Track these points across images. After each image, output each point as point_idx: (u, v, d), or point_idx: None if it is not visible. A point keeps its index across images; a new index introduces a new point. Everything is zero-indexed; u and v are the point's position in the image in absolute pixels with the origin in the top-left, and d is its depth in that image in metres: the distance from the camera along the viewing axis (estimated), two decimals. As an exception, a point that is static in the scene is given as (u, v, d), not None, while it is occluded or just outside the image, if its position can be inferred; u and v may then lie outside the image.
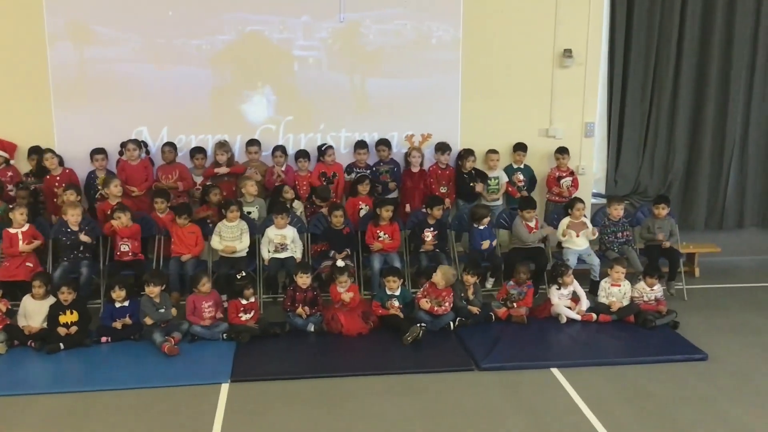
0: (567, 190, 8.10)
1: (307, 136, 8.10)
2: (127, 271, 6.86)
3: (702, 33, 8.45)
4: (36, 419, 4.97)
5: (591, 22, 8.14)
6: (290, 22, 7.85)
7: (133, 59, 7.72)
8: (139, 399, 5.26)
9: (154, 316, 6.23)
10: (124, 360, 5.90)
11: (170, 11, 7.68)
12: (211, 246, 7.14)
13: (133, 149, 7.50)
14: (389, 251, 7.31)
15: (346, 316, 6.43)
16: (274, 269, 7.13)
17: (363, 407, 5.16)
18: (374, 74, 8.08)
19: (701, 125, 8.65)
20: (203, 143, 7.90)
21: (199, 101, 7.89)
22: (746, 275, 8.49)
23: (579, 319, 6.71)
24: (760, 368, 5.85)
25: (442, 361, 5.91)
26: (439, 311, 6.52)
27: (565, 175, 8.14)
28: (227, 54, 7.84)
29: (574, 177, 8.15)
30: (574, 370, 5.74)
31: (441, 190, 7.92)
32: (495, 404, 5.21)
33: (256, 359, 5.91)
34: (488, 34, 8.08)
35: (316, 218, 7.56)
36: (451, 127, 8.21)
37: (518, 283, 6.90)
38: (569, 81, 8.24)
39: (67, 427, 4.88)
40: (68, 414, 5.04)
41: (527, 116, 8.28)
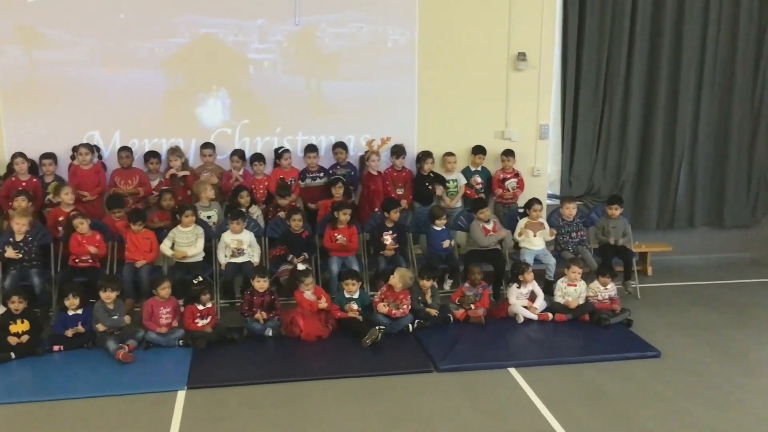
0: (512, 192, 8.18)
1: (263, 139, 8.04)
2: (81, 277, 6.71)
3: (652, 37, 8.63)
4: (-15, 431, 4.85)
5: (544, 26, 8.25)
6: (245, 25, 7.80)
7: (85, 62, 7.58)
8: (93, 408, 5.15)
9: (106, 323, 6.11)
10: (78, 369, 5.78)
11: (122, 14, 7.56)
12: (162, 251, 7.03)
13: (85, 153, 7.36)
14: (347, 254, 7.30)
15: (305, 320, 6.39)
16: (231, 274, 7.06)
17: (322, 411, 5.14)
18: (330, 77, 8.06)
19: (652, 127, 8.83)
20: (157, 147, 7.79)
21: (153, 105, 7.78)
22: (697, 273, 8.68)
23: (536, 318, 6.79)
24: (711, 364, 5.99)
25: (401, 364, 5.91)
26: (397, 314, 6.53)
27: (510, 176, 8.22)
28: (181, 57, 7.74)
29: (519, 178, 8.22)
30: (531, 369, 5.80)
31: (397, 192, 7.93)
32: (453, 405, 5.24)
33: (213, 365, 5.84)
34: (444, 38, 8.13)
35: (274, 222, 7.51)
36: (407, 129, 8.23)
37: (473, 284, 6.96)
38: (524, 84, 8.33)
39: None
40: (20, 425, 4.92)
41: (483, 119, 8.35)
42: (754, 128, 9.09)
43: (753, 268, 8.84)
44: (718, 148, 9.09)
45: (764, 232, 9.43)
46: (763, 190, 9.29)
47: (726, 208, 9.23)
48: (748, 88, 8.96)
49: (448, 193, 8.16)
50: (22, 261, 6.72)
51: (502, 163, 8.22)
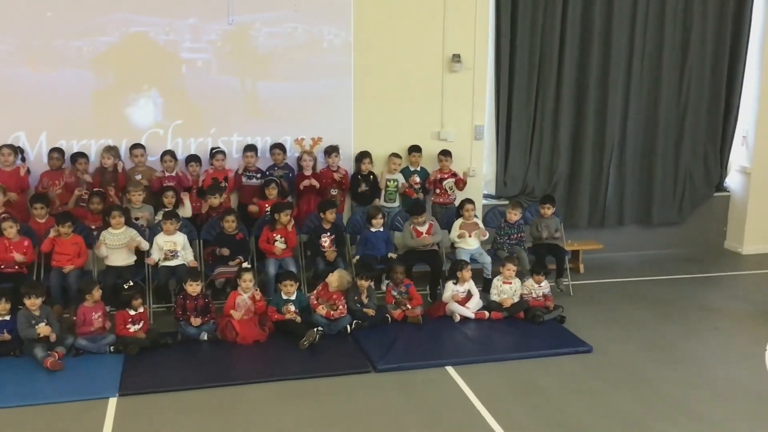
0: (451, 192, 8.26)
1: (197, 140, 7.90)
2: (7, 283, 6.45)
3: (582, 40, 8.82)
4: None
5: (478, 28, 8.35)
6: (177, 24, 7.64)
7: (9, 61, 7.30)
8: (21, 417, 4.99)
9: (25, 333, 5.88)
10: (4, 377, 5.58)
11: (48, 12, 7.32)
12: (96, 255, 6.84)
13: (7, 154, 7.11)
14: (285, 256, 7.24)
15: (241, 324, 6.31)
16: (164, 277, 6.92)
17: (259, 415, 5.09)
18: (266, 77, 7.97)
19: (583, 128, 9.03)
20: (86, 148, 7.55)
21: (81, 105, 7.54)
22: (627, 270, 8.92)
23: (472, 317, 6.86)
24: (641, 358, 6.17)
25: (339, 365, 5.90)
26: (334, 315, 6.51)
27: (447, 176, 8.29)
28: (110, 56, 7.53)
29: (456, 178, 8.31)
30: (468, 367, 5.86)
31: (332, 193, 7.92)
32: (391, 405, 5.25)
33: (145, 371, 5.72)
34: (379, 39, 8.14)
35: (209, 224, 7.39)
36: (344, 130, 8.22)
37: (396, 284, 6.99)
38: (459, 85, 8.42)
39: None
40: (-61, 439, 4.72)
41: (420, 119, 8.40)
42: (680, 129, 9.39)
43: (680, 264, 9.12)
44: (646, 149, 9.36)
45: (690, 229, 9.77)
46: (688, 189, 9.60)
47: (654, 206, 9.50)
48: (675, 90, 9.25)
49: (388, 193, 8.19)
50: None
51: (440, 164, 8.29)
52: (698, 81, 9.31)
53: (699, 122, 9.45)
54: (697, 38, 9.16)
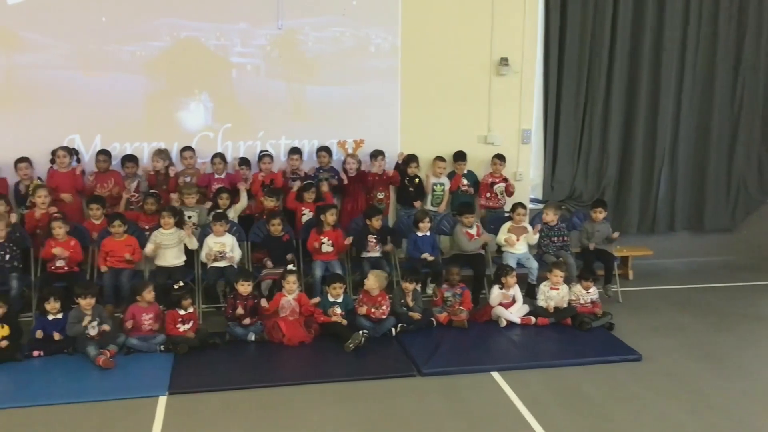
0: (501, 197, 8.21)
1: (246, 143, 8.02)
2: (60, 282, 6.64)
3: (632, 42, 8.71)
4: (-38, 439, 4.79)
5: (526, 31, 8.31)
6: (227, 28, 7.77)
7: (63, 66, 7.51)
8: (73, 414, 5.10)
9: (73, 330, 6.04)
10: (58, 374, 5.72)
11: (103, 17, 7.51)
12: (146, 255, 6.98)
13: (63, 156, 7.31)
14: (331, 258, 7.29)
15: (287, 325, 6.37)
16: (212, 278, 7.03)
17: (305, 416, 5.12)
18: (313, 81, 8.05)
19: (633, 132, 8.91)
20: (138, 151, 7.74)
21: (134, 108, 7.72)
22: (677, 277, 8.75)
23: (518, 322, 6.80)
24: (691, 367, 6.04)
25: (384, 368, 5.90)
26: (377, 314, 6.52)
27: (498, 181, 8.25)
28: (162, 60, 7.70)
29: (507, 183, 8.26)
30: (513, 372, 5.82)
31: (378, 196, 7.94)
32: (436, 409, 5.23)
33: (194, 371, 5.80)
34: (427, 42, 8.15)
35: (256, 226, 7.49)
36: (390, 134, 8.24)
37: (451, 285, 6.97)
38: (506, 89, 8.37)
39: (-4, 445, 4.72)
40: None
41: (466, 123, 8.38)
42: (734, 133, 9.19)
43: (732, 271, 8.92)
44: (698, 153, 9.19)
45: (743, 236, 9.54)
46: (742, 195, 9.39)
47: (706, 212, 9.32)
48: (728, 93, 9.06)
49: (435, 197, 8.19)
50: (2, 265, 6.64)
51: (493, 167, 8.25)
52: (752, 85, 9.10)
53: (753, 127, 9.24)
54: (752, 40, 8.97)
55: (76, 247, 6.85)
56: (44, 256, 6.75)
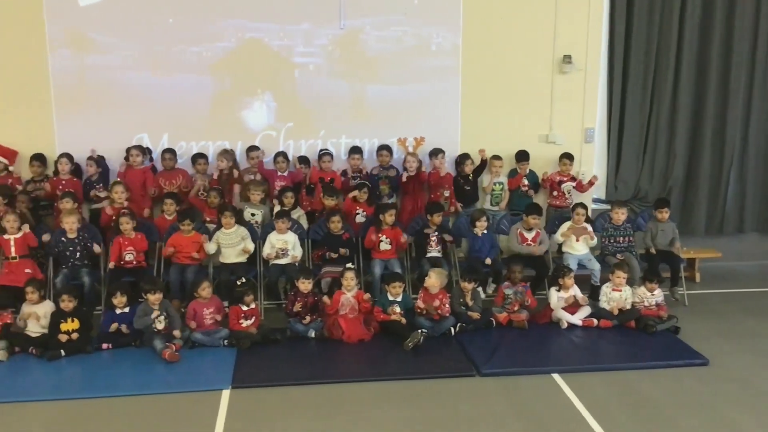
0: (568, 195, 8.11)
1: (307, 142, 8.11)
2: (128, 277, 6.84)
3: (701, 38, 8.49)
4: (37, 426, 4.97)
5: (590, 28, 8.17)
6: (290, 29, 7.87)
7: (132, 66, 7.73)
8: (140, 405, 5.25)
9: (140, 323, 6.21)
10: (125, 366, 5.90)
11: (170, 19, 7.70)
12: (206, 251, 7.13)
13: (136, 155, 7.53)
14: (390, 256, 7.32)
15: (347, 322, 6.42)
16: (274, 275, 7.13)
17: (364, 413, 5.15)
18: (374, 81, 8.09)
19: (701, 130, 8.68)
20: (203, 150, 7.91)
21: (200, 108, 7.91)
22: (746, 280, 8.50)
23: (580, 324, 6.71)
24: (759, 373, 5.85)
25: (442, 367, 5.90)
26: (442, 310, 6.52)
27: (567, 180, 8.15)
28: (227, 61, 7.85)
29: (576, 181, 8.16)
30: (575, 375, 5.73)
31: (445, 194, 7.94)
32: (496, 410, 5.20)
33: (256, 365, 5.91)
34: (488, 40, 8.10)
35: (317, 224, 7.57)
36: (451, 132, 8.22)
37: (513, 283, 6.92)
38: (569, 87, 8.26)
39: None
40: (69, 421, 5.04)
41: (527, 122, 8.30)
42: (807, 131, 8.87)
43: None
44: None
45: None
46: (815, 195, 9.05)
47: (776, 213, 9.03)
48: (801, 90, 8.75)
49: (494, 197, 8.14)
50: (74, 260, 6.88)
51: (562, 166, 8.16)
52: (826, 82, 8.76)
53: (828, 126, 8.89)
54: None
55: (143, 243, 7.04)
56: (113, 253, 6.95)
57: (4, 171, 7.51)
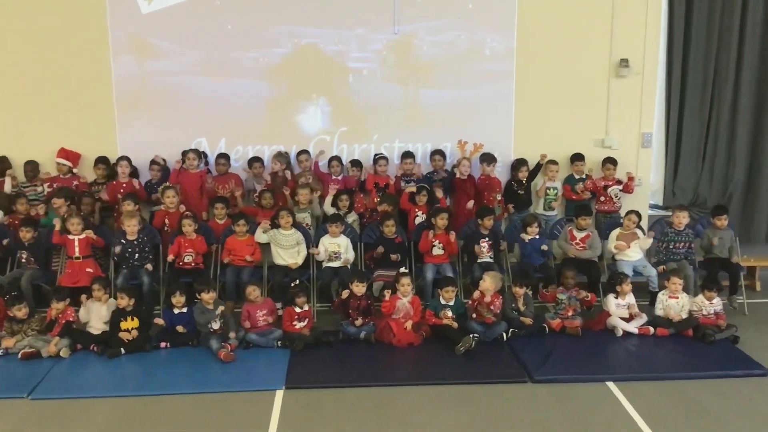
0: (616, 199, 8.00)
1: (361, 146, 8.18)
2: (187, 278, 7.00)
3: (763, 39, 8.30)
4: (97, 422, 5.11)
5: (648, 31, 8.05)
6: (345, 34, 7.96)
7: (192, 72, 7.93)
8: (196, 404, 5.36)
9: (199, 318, 6.35)
10: (182, 365, 6.03)
11: (229, 25, 7.86)
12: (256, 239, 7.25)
13: (192, 159, 7.70)
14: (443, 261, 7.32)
15: (398, 326, 6.45)
16: (327, 278, 7.21)
17: (415, 417, 5.16)
18: (428, 85, 8.12)
19: (762, 134, 8.47)
20: (259, 154, 8.06)
21: (256, 113, 8.05)
22: (809, 290, 8.24)
23: (636, 332, 6.60)
24: (824, 385, 5.67)
25: (494, 372, 5.86)
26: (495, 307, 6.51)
27: (612, 184, 8.04)
28: (283, 66, 7.98)
29: (623, 185, 8.03)
30: (631, 384, 5.64)
31: (497, 198, 7.93)
32: (548, 417, 5.16)
33: (309, 367, 5.97)
34: (543, 45, 8.05)
35: (370, 228, 7.62)
36: (504, 137, 8.20)
37: (566, 288, 6.84)
38: (626, 91, 8.15)
39: (126, 430, 5.01)
40: (127, 417, 5.17)
41: (582, 126, 8.22)
42: None
43: None
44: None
45: None
46: None
47: (842, 220, 8.71)
48: None
49: (547, 201, 8.07)
50: (134, 260, 7.07)
51: (605, 172, 8.06)
52: None
53: None
54: None
55: (202, 244, 7.20)
56: (172, 253, 7.13)
57: (69, 173, 7.77)
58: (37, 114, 7.86)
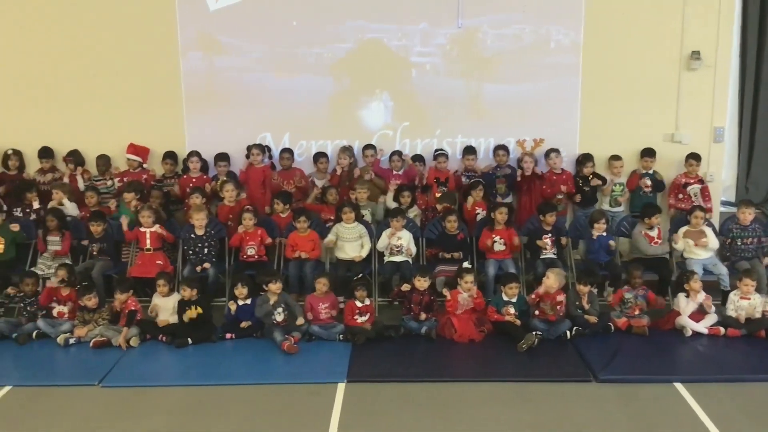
0: (694, 198, 7.77)
1: (423, 141, 8.16)
2: (250, 271, 7.11)
3: None
4: (164, 410, 5.23)
5: (721, 22, 7.79)
6: (408, 29, 7.95)
7: (257, 68, 8.04)
8: (259, 394, 5.44)
9: (258, 312, 6.44)
10: (247, 356, 6.13)
11: (294, 21, 7.94)
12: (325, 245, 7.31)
13: (256, 154, 7.81)
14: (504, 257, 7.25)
15: (460, 322, 6.42)
16: (389, 272, 7.22)
17: (476, 414, 5.13)
18: (491, 79, 8.05)
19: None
20: (322, 149, 8.13)
21: (319, 108, 8.12)
22: None
23: (705, 332, 6.41)
24: None
25: (557, 371, 5.78)
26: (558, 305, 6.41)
27: (693, 182, 7.81)
28: (346, 61, 8.03)
29: (703, 185, 7.80)
30: (700, 385, 5.48)
31: (558, 196, 7.80)
32: (613, 417, 5.05)
33: (371, 361, 6.00)
34: (611, 37, 7.88)
35: (432, 223, 7.60)
36: (569, 132, 8.07)
37: (632, 287, 6.69)
38: (697, 84, 7.92)
39: (192, 418, 5.12)
40: (193, 406, 5.28)
41: (651, 121, 8.02)
42: None
43: None
44: None
45: None
46: None
47: None
48: None
49: (613, 196, 7.92)
50: (201, 253, 7.23)
51: (688, 168, 7.84)
52: None
53: None
54: None
55: (264, 238, 7.30)
56: (233, 244, 7.25)
57: (138, 168, 7.98)
58: (109, 110, 8.08)
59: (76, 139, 8.09)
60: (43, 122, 8.08)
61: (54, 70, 8.03)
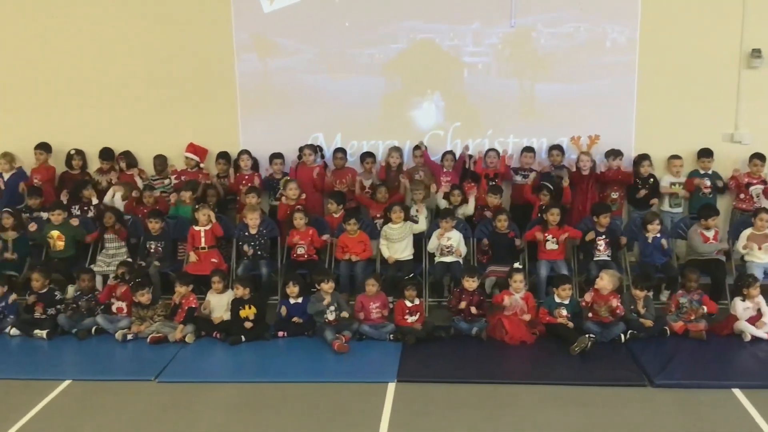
0: (757, 199, 7.56)
1: (474, 141, 8.12)
2: (302, 270, 7.18)
3: None
4: (218, 405, 5.34)
5: (784, 20, 7.56)
6: (461, 29, 7.92)
7: (311, 69, 8.11)
8: (310, 392, 5.49)
9: (311, 309, 6.49)
10: (298, 354, 6.20)
11: (347, 22, 7.99)
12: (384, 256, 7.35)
13: (308, 154, 7.89)
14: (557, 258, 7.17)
15: (511, 323, 6.37)
16: (440, 273, 7.21)
17: (527, 417, 5.09)
18: (544, 79, 7.96)
19: None
20: (374, 148, 8.16)
21: (371, 108, 8.15)
22: None
23: (766, 337, 6.23)
24: None
25: (611, 375, 5.69)
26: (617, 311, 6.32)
27: (756, 182, 7.60)
28: (399, 62, 8.04)
29: (766, 185, 7.58)
30: (760, 392, 5.34)
31: (612, 196, 7.68)
32: (669, 423, 4.96)
33: (421, 361, 6.00)
34: (668, 35, 7.72)
35: (483, 223, 7.56)
36: (624, 131, 7.93)
37: (687, 291, 6.54)
38: (758, 82, 7.70)
39: (244, 414, 5.21)
40: (245, 402, 5.37)
41: (709, 120, 7.83)
42: None
43: None
44: None
45: None
46: None
47: None
48: None
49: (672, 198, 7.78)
50: (255, 252, 7.33)
51: (752, 167, 7.66)
52: None
53: None
54: None
55: (314, 236, 7.37)
56: (290, 243, 7.34)
57: (196, 167, 8.14)
58: (167, 112, 8.26)
59: (134, 140, 8.31)
60: (104, 123, 8.31)
61: (118, 74, 8.24)
